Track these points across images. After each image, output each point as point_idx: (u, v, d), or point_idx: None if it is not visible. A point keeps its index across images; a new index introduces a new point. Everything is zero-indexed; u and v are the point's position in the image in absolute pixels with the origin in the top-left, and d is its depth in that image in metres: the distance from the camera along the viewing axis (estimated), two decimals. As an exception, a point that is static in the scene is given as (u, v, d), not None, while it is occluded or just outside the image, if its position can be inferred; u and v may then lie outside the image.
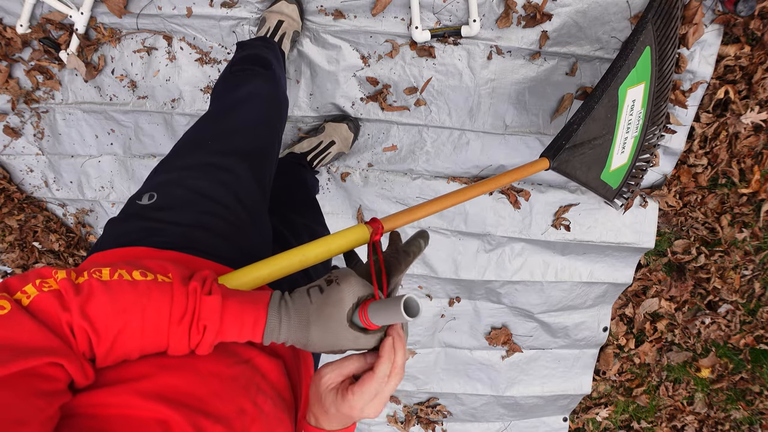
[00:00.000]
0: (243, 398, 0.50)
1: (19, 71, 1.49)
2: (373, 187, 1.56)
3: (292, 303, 0.51)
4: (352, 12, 1.33)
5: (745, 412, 1.92)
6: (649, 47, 1.13)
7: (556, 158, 1.04)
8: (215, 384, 0.49)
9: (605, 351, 1.88)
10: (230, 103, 0.91)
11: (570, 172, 1.11)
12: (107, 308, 0.45)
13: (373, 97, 1.43)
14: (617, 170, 1.27)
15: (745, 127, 1.44)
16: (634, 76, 1.13)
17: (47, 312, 0.42)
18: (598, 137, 1.13)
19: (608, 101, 1.10)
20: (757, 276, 1.71)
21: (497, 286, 1.69)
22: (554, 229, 1.60)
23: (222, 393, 0.49)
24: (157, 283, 0.48)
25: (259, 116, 0.90)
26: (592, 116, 1.08)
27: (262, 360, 0.57)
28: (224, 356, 0.53)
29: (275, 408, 0.54)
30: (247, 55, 1.09)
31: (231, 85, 0.97)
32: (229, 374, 0.51)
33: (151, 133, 1.55)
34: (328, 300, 0.50)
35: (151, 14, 1.37)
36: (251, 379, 0.54)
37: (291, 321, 0.50)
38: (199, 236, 0.68)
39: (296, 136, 1.50)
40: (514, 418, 1.98)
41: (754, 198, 1.58)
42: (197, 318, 0.47)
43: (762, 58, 1.36)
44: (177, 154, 0.81)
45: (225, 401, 0.48)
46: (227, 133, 0.84)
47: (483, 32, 1.33)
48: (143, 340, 0.46)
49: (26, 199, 1.71)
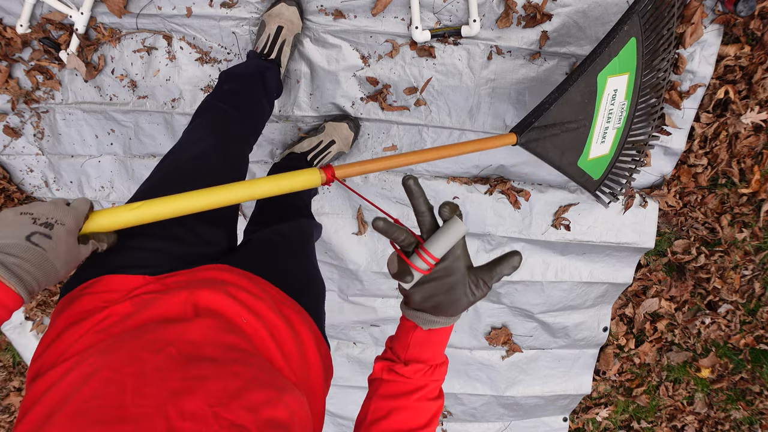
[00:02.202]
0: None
1: (19, 71, 1.49)
2: (373, 187, 1.56)
3: (18, 253, 0.53)
4: (352, 12, 1.33)
5: (745, 412, 1.92)
6: (634, 38, 1.13)
7: (524, 135, 1.05)
8: (134, 382, 0.46)
9: (605, 351, 1.88)
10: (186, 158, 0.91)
11: (540, 152, 1.10)
12: None
13: (373, 96, 1.43)
14: (597, 160, 1.26)
15: (745, 127, 1.44)
16: (616, 65, 1.13)
17: None
18: (573, 121, 1.13)
19: (585, 86, 1.10)
20: (757, 276, 1.71)
21: (497, 286, 1.69)
22: (554, 229, 1.60)
23: (142, 389, 0.46)
24: None
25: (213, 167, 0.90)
26: (565, 98, 1.08)
27: (191, 330, 0.55)
28: (147, 343, 0.51)
29: (224, 365, 0.51)
30: (228, 90, 1.11)
31: (190, 135, 0.97)
32: (153, 364, 0.49)
33: (151, 132, 1.55)
34: (58, 240, 0.56)
35: (150, 14, 1.37)
36: (187, 356, 0.51)
37: (28, 268, 0.53)
38: None
39: (296, 135, 1.50)
40: (514, 418, 1.98)
41: (754, 198, 1.58)
42: None
43: (762, 58, 1.36)
44: (153, 180, 0.83)
45: (147, 397, 0.45)
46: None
47: (483, 32, 1.33)
48: None
49: (26, 199, 1.71)
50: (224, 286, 0.64)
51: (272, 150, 1.54)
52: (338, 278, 1.72)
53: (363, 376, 1.90)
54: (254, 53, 1.27)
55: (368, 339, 1.84)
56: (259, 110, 1.15)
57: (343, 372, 1.89)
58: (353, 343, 1.86)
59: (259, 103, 1.16)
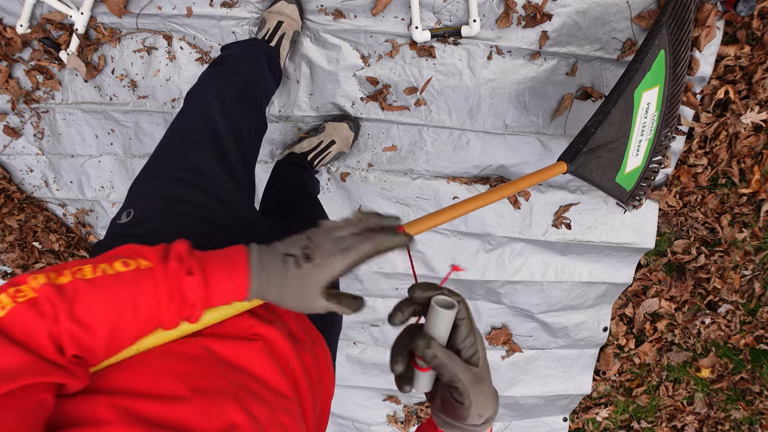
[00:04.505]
0: (233, 411, 0.49)
1: (19, 71, 1.49)
2: (373, 187, 1.56)
3: (270, 268, 0.53)
4: (352, 12, 1.33)
5: (745, 412, 1.92)
6: (663, 50, 1.13)
7: (573, 162, 1.05)
8: (201, 402, 0.48)
9: (605, 351, 1.88)
10: (192, 111, 0.91)
11: (587, 176, 1.11)
12: (97, 306, 0.45)
13: (373, 96, 1.43)
14: (631, 172, 1.27)
15: (745, 127, 1.44)
16: (649, 79, 1.13)
17: (24, 324, 0.41)
18: (614, 140, 1.14)
19: (624, 105, 1.10)
20: (757, 276, 1.71)
21: (497, 286, 1.69)
22: (554, 229, 1.60)
23: (209, 410, 0.47)
24: (141, 270, 0.49)
25: (216, 115, 0.88)
26: (608, 120, 1.08)
27: (254, 362, 0.56)
28: (211, 368, 0.52)
29: (272, 411, 0.53)
30: (230, 54, 1.09)
31: (196, 89, 0.96)
32: (216, 388, 0.50)
33: (151, 132, 1.55)
34: (304, 278, 0.52)
35: (151, 14, 1.37)
36: (242, 387, 0.52)
37: (270, 285, 0.53)
38: (177, 237, 0.69)
39: (296, 135, 1.50)
40: (514, 418, 1.98)
41: (754, 198, 1.58)
42: (183, 298, 0.50)
43: (762, 58, 1.36)
44: (151, 166, 0.81)
45: (212, 418, 0.47)
46: (187, 140, 0.83)
47: (483, 32, 1.33)
48: (137, 326, 0.48)
49: (26, 199, 1.71)
50: (276, 317, 0.64)
51: (272, 150, 1.54)
52: (338, 278, 1.72)
53: (363, 376, 1.90)
54: (255, 39, 1.27)
55: (368, 339, 1.84)
56: (264, 79, 1.13)
57: (343, 372, 1.89)
58: (353, 343, 1.86)
59: (264, 73, 1.14)
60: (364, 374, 1.89)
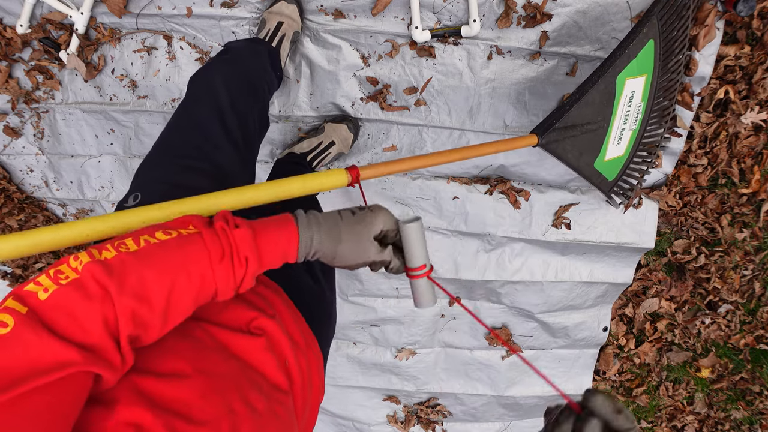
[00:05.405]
0: (233, 396, 0.49)
1: (19, 71, 1.49)
2: (373, 187, 1.56)
3: (323, 219, 0.57)
4: (352, 12, 1.33)
5: (745, 412, 1.92)
6: (652, 40, 1.13)
7: (545, 136, 1.04)
8: (202, 383, 0.47)
9: (605, 351, 1.88)
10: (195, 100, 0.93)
11: (560, 154, 1.10)
12: (149, 275, 0.44)
13: (373, 97, 1.43)
14: (613, 161, 1.26)
15: (745, 127, 1.44)
16: (635, 66, 1.13)
17: (69, 308, 0.39)
18: (592, 122, 1.13)
19: (604, 87, 1.10)
20: (757, 276, 1.71)
21: (497, 286, 1.69)
22: (554, 229, 1.60)
23: (209, 393, 0.47)
24: (185, 236, 0.48)
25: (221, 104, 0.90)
26: (585, 99, 1.08)
27: (254, 356, 0.56)
28: (213, 352, 0.52)
29: (269, 402, 0.53)
30: (225, 48, 1.11)
31: (199, 77, 0.97)
32: (217, 372, 0.50)
33: (151, 132, 1.55)
34: (360, 220, 0.58)
35: (151, 14, 1.37)
36: (242, 375, 0.52)
37: (322, 235, 0.56)
38: None
39: (296, 136, 1.50)
40: (514, 418, 1.98)
41: (754, 198, 1.58)
42: (236, 252, 0.50)
43: (762, 58, 1.36)
44: (158, 151, 0.82)
45: (212, 403, 0.47)
46: (192, 127, 0.85)
47: (483, 32, 1.33)
48: (193, 293, 0.48)
49: (26, 199, 1.71)
50: (275, 311, 0.65)
51: (272, 150, 1.54)
52: (338, 278, 1.72)
53: (363, 376, 1.89)
54: (257, 38, 1.28)
55: (368, 339, 1.84)
56: (267, 73, 1.14)
57: (343, 372, 1.89)
58: (353, 343, 1.86)
59: (267, 68, 1.15)
60: (364, 374, 1.89)
